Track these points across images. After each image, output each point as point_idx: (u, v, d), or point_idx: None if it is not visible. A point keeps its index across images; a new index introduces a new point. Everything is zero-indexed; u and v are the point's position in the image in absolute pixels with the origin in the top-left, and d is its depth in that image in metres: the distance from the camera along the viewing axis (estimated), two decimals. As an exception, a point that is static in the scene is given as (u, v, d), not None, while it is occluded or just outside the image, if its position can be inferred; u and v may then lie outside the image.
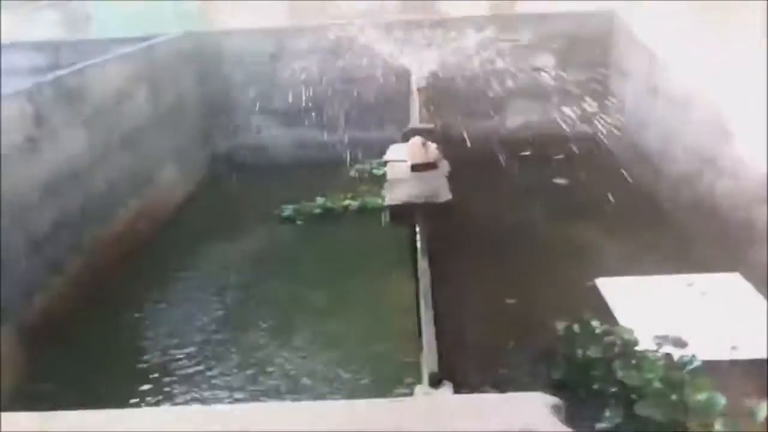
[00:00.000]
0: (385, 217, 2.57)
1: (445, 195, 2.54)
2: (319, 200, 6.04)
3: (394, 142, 6.79)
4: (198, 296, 4.63)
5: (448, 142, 3.77)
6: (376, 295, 4.40)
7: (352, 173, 6.78)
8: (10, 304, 3.63)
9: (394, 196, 2.64)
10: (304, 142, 7.32)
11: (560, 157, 6.65)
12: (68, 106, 4.47)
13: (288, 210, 5.95)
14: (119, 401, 3.56)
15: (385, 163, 3.19)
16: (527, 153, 6.73)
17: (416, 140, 3.31)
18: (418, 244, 2.36)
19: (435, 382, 1.58)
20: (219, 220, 6.00)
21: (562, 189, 6.11)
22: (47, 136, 4.17)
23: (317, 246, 5.42)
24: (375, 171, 6.74)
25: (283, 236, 5.64)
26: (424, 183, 2.72)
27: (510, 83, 6.70)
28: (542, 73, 6.78)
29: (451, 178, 2.93)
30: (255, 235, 5.62)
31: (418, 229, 2.45)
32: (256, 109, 7.21)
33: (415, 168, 2.87)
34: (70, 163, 4.43)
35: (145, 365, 3.90)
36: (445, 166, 2.93)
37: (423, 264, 2.18)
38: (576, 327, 3.37)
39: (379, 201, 5.98)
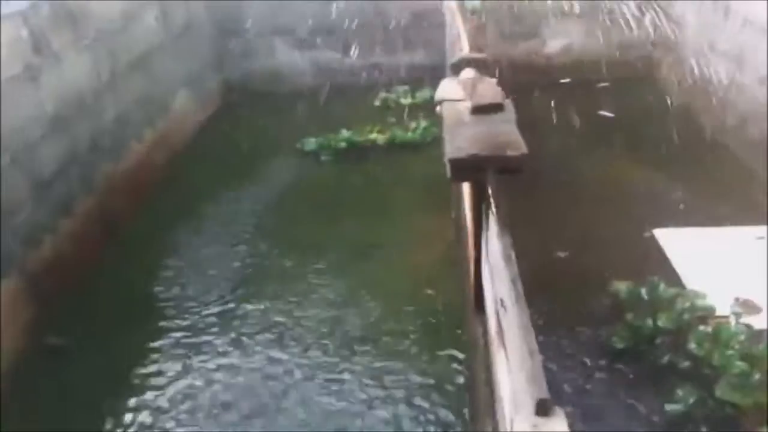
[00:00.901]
0: (448, 173, 2.15)
1: (520, 146, 2.12)
2: (344, 133, 5.59)
3: (424, 67, 6.41)
4: (219, 240, 4.32)
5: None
6: (410, 242, 4.07)
7: (377, 102, 6.29)
8: (14, 252, 3.32)
9: (456, 146, 2.22)
10: (324, 66, 6.74)
11: (606, 84, 6.08)
12: (69, 29, 3.99)
13: (311, 143, 5.53)
14: (136, 354, 3.34)
15: (436, 103, 2.74)
16: (567, 80, 6.18)
17: (469, 73, 2.85)
18: (492, 210, 1.98)
19: (544, 410, 1.25)
20: (236, 151, 5.58)
21: (608, 122, 5.61)
22: (48, 64, 3.72)
23: (342, 182, 5.03)
24: (402, 100, 6.25)
25: (309, 173, 5.24)
26: (492, 130, 2.29)
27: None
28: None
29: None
30: (275, 170, 5.23)
31: (489, 190, 2.06)
32: (271, 30, 6.62)
33: (477, 110, 2.43)
34: (76, 93, 4.00)
35: (161, 310, 3.68)
36: (510, 109, 2.48)
37: (504, 239, 1.81)
38: (643, 291, 3.03)
39: (409, 135, 5.56)
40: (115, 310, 3.69)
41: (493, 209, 2.01)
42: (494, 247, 1.97)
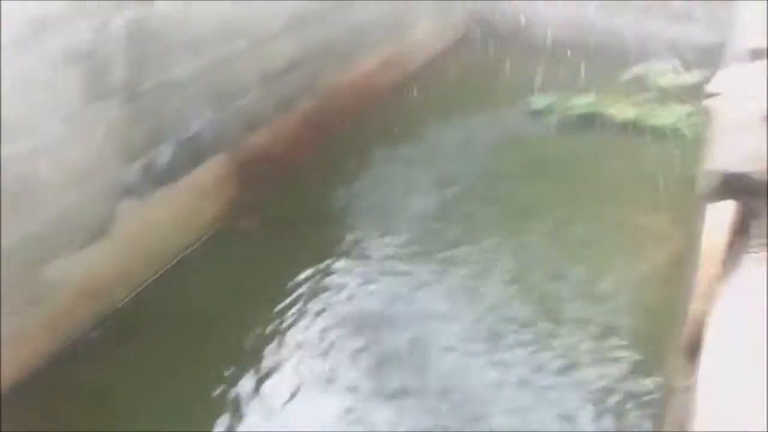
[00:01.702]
0: (702, 187, 1.64)
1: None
2: (582, 99, 4.96)
3: (698, 47, 5.40)
4: (416, 176, 4.14)
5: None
6: (621, 248, 3.48)
7: (629, 75, 5.47)
8: (231, 134, 3.46)
9: (725, 156, 1.68)
10: (582, 23, 6.02)
11: None
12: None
13: (541, 101, 5.01)
14: (321, 255, 3.37)
15: (707, 96, 2.15)
16: None
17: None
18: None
19: None
20: (461, 92, 5.28)
21: None
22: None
23: (565, 155, 4.49)
24: (662, 79, 5.36)
25: (527, 131, 4.79)
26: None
27: None
28: None
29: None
30: (495, 121, 4.86)
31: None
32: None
33: (774, 117, 1.83)
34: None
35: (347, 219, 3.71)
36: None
37: None
38: None
39: (660, 120, 4.75)
40: (307, 211, 3.77)
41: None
42: (753, 293, 1.45)
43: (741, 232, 1.76)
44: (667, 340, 2.57)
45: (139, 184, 2.95)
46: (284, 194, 3.87)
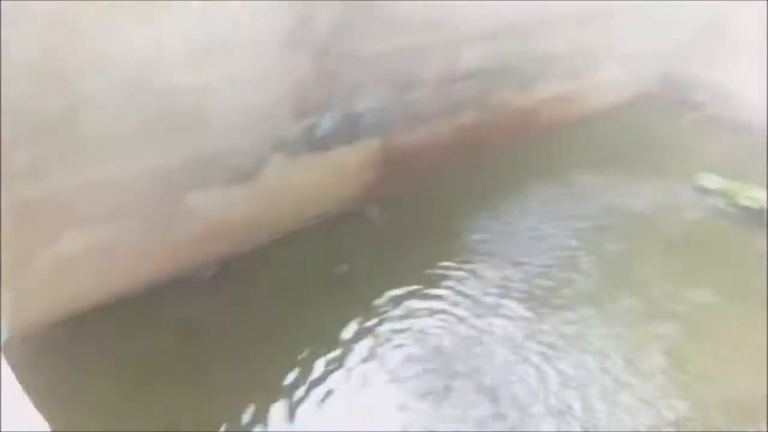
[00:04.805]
0: None
1: None
2: (757, 191, 4.44)
3: None
4: (549, 219, 3.93)
5: None
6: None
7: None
8: (391, 119, 3.42)
9: None
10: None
11: None
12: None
13: (710, 180, 4.54)
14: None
15: None
16: None
17: None
18: None
19: None
20: (628, 150, 4.94)
21: None
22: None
23: (724, 246, 4.05)
24: None
25: (684, 209, 4.36)
26: None
27: None
28: None
29: None
30: (651, 188, 4.48)
31: None
32: (750, 43, 5.54)
33: None
34: (525, 13, 3.85)
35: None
36: None
37: None
38: None
39: None
40: (434, 213, 3.71)
41: None
42: None
43: None
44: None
45: (296, 143, 2.99)
46: (419, 196, 3.80)
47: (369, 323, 2.89)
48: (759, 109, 5.51)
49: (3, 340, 2.02)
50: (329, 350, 2.69)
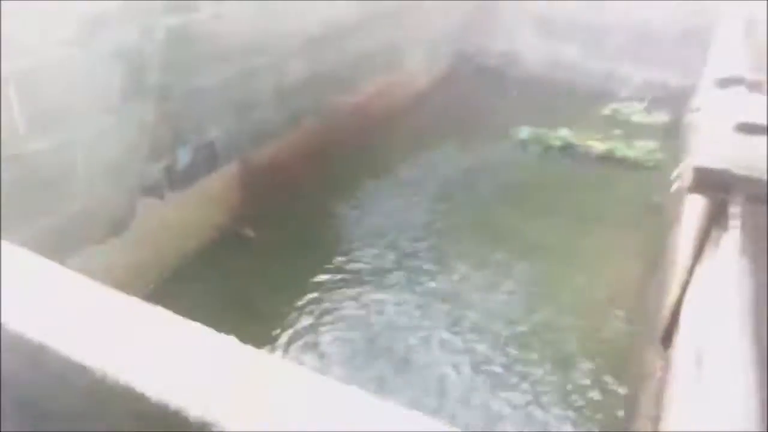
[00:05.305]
0: (684, 183, 1.93)
1: (788, 177, 1.83)
2: (562, 131, 5.36)
3: (671, 89, 5.87)
4: (405, 199, 4.40)
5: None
6: (595, 264, 3.76)
7: (606, 112, 5.93)
8: (243, 143, 3.68)
9: (706, 155, 1.98)
10: (563, 63, 6.49)
11: None
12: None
13: (524, 132, 5.38)
14: (314, 271, 3.53)
15: (694, 110, 2.48)
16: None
17: (741, 91, 2.53)
18: (732, 231, 1.73)
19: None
20: (450, 121, 5.64)
21: None
22: (320, -13, 4.02)
23: (546, 181, 4.83)
24: (634, 117, 5.82)
25: (511, 159, 5.13)
26: (756, 151, 2.01)
27: None
28: None
29: None
30: (481, 149, 5.20)
31: (733, 210, 1.81)
32: (525, 12, 6.51)
33: (743, 128, 2.14)
34: (335, 23, 4.28)
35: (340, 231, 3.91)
36: (784, 137, 2.15)
37: (740, 263, 1.57)
38: None
39: (631, 152, 5.16)
40: (305, 221, 3.96)
41: (732, 232, 1.76)
42: (720, 272, 1.72)
43: (713, 226, 2.05)
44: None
45: (160, 184, 3.13)
46: (284, 208, 4.05)
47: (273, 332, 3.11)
48: (539, 66, 6.55)
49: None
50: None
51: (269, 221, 3.91)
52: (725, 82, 2.70)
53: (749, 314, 1.37)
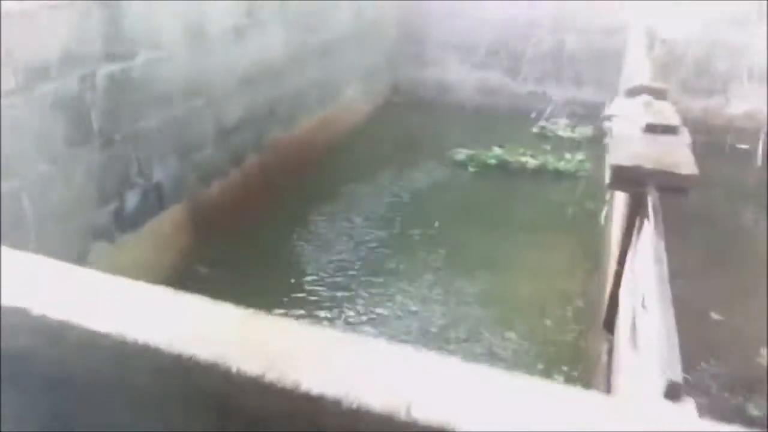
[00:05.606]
0: (606, 179, 2.15)
1: (690, 167, 2.06)
2: (496, 150, 5.64)
3: (590, 105, 6.29)
4: (353, 225, 4.53)
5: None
6: (540, 268, 3.98)
7: (535, 130, 6.28)
8: (190, 184, 3.74)
9: (620, 155, 2.21)
10: (491, 87, 6.87)
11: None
12: (279, 1, 4.44)
13: (461, 154, 5.63)
14: (271, 304, 3.58)
15: (606, 118, 2.73)
16: (746, 146, 5.77)
17: (647, 98, 2.81)
18: (650, 218, 1.94)
19: (674, 394, 1.22)
20: (390, 148, 5.84)
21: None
22: (254, 28, 4.17)
23: (486, 197, 5.07)
24: (561, 132, 6.19)
25: (451, 180, 5.36)
26: (662, 148, 2.25)
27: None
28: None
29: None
30: (422, 172, 5.41)
31: (649, 200, 2.02)
32: (450, 44, 6.86)
33: (650, 128, 2.39)
34: (268, 61, 4.43)
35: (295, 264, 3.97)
36: (686, 135, 2.41)
37: (657, 243, 1.77)
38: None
39: (562, 164, 5.49)
40: (256, 256, 4.01)
41: (650, 219, 1.97)
42: (643, 253, 1.92)
43: (635, 217, 2.27)
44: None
45: (110, 228, 3.15)
46: (234, 245, 4.10)
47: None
48: (468, 93, 6.91)
49: None
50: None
51: (221, 257, 3.94)
52: (633, 92, 2.98)
53: (666, 282, 1.56)
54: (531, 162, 5.52)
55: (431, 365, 0.87)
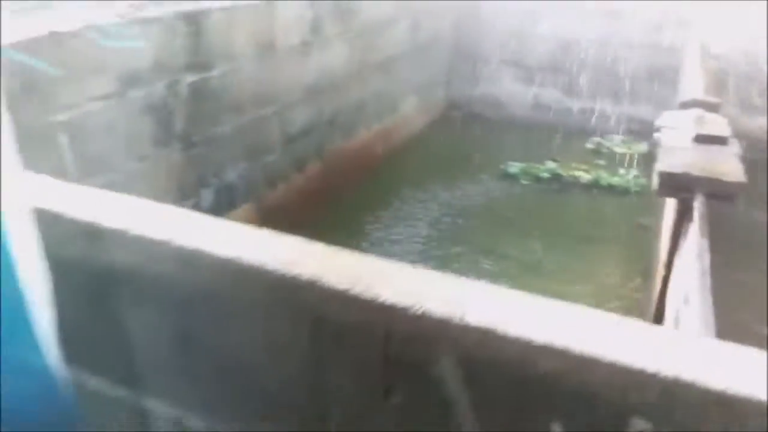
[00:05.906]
0: (654, 185, 2.25)
1: (738, 175, 2.14)
2: (549, 164, 5.73)
3: (646, 123, 6.29)
4: (406, 232, 4.70)
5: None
6: (590, 278, 4.05)
7: (589, 145, 6.33)
8: (258, 185, 4.00)
9: (669, 162, 2.30)
10: (545, 103, 6.97)
11: None
12: (341, 20, 4.71)
13: (514, 167, 5.74)
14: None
15: (657, 130, 2.82)
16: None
17: (698, 111, 2.88)
18: (695, 221, 2.03)
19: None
20: (444, 160, 6.00)
21: None
22: (319, 44, 4.44)
23: (537, 209, 5.16)
24: (616, 148, 6.22)
25: (502, 192, 5.47)
26: (711, 157, 2.33)
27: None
28: None
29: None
30: (474, 183, 5.54)
31: (695, 206, 2.11)
32: (504, 61, 7.01)
33: (700, 139, 2.47)
34: (331, 74, 4.69)
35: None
36: (736, 146, 2.48)
37: (701, 243, 1.86)
38: None
39: (615, 179, 5.53)
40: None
41: (695, 222, 2.06)
42: (688, 254, 2.01)
43: (682, 222, 2.36)
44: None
45: (186, 222, 3.42)
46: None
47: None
48: (522, 108, 7.01)
49: None
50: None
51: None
52: (685, 105, 3.06)
53: (708, 276, 1.66)
54: (584, 176, 5.58)
55: (480, 289, 1.10)
